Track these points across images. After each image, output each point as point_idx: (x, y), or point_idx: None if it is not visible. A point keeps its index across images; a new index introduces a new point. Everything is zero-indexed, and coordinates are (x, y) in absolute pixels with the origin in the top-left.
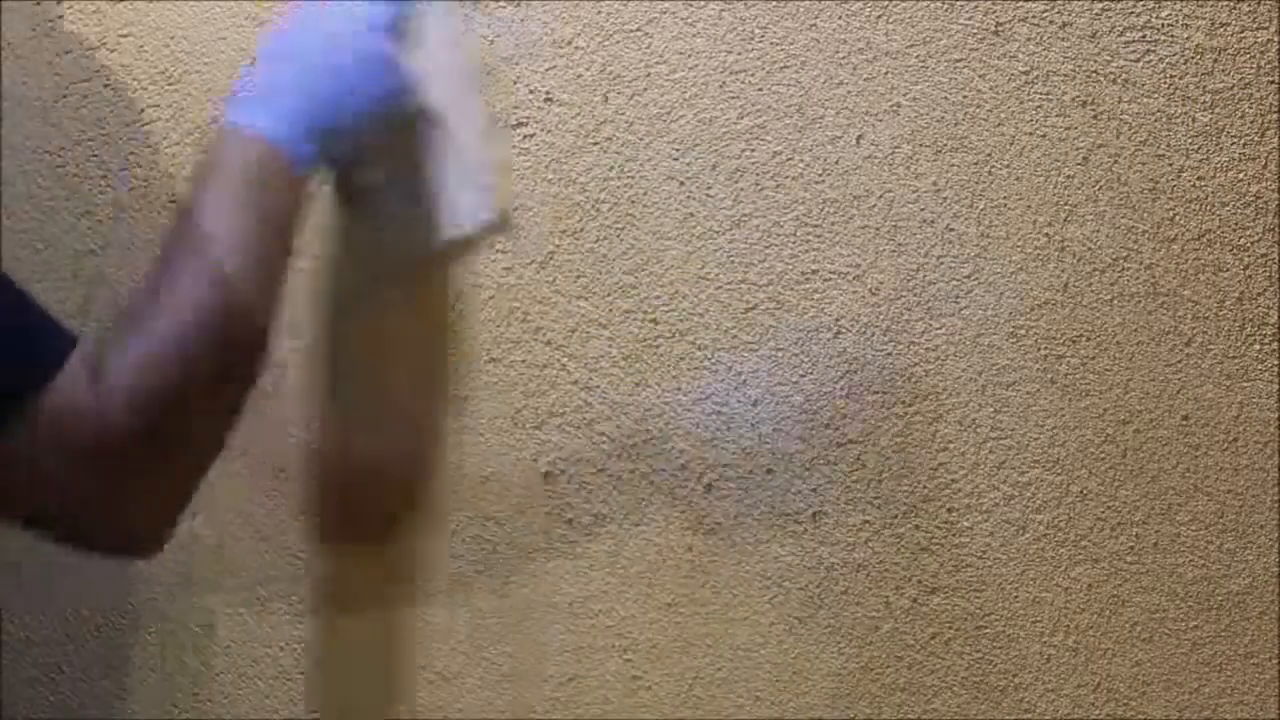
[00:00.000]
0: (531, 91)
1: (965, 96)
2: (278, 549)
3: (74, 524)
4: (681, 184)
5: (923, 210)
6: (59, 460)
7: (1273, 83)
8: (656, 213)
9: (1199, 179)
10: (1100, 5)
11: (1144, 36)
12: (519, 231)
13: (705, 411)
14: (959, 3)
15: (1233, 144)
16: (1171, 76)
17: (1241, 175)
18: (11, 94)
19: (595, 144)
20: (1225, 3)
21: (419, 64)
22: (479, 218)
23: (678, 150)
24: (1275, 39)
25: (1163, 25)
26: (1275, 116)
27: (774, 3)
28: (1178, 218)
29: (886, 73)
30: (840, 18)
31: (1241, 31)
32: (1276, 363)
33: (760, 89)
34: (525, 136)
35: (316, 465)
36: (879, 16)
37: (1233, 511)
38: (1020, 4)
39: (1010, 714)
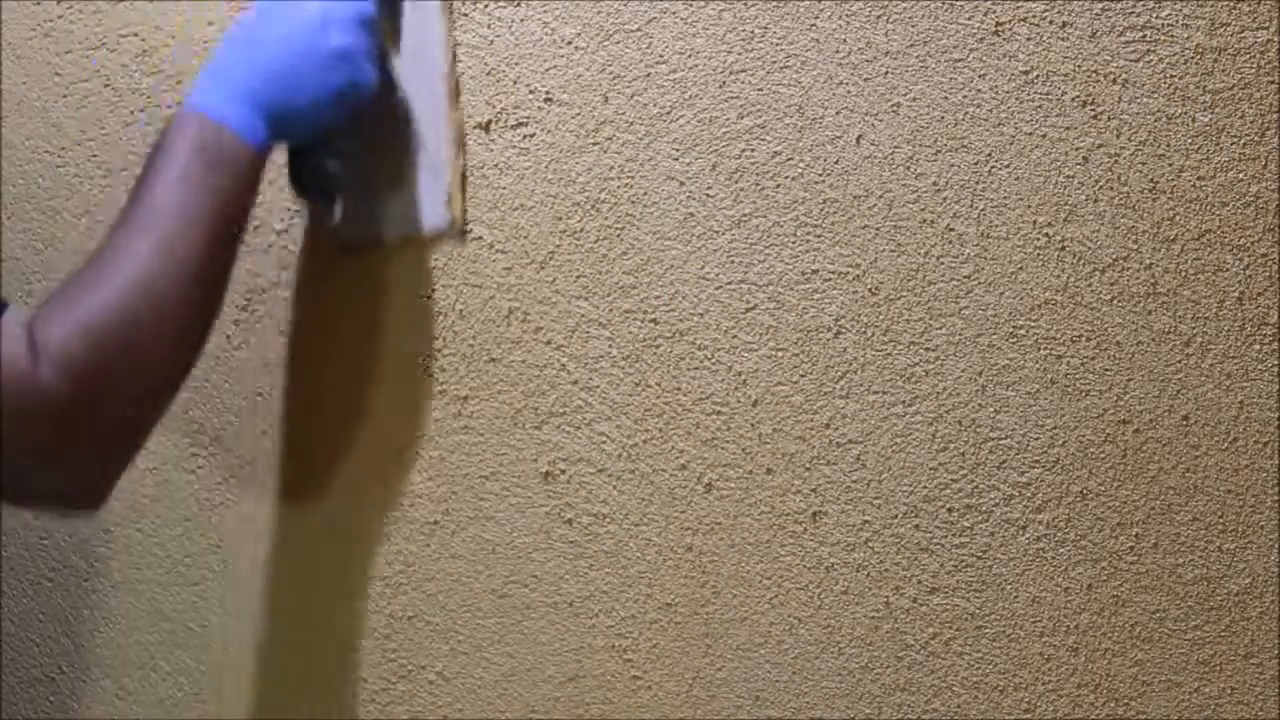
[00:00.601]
0: (531, 91)
1: (965, 96)
2: (277, 549)
3: (11, 476)
4: (681, 184)
5: (923, 210)
6: None
7: (1273, 83)
8: (656, 213)
9: (1199, 179)
10: (1100, 5)
11: (1144, 36)
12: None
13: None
14: (959, 3)
15: (1233, 144)
16: (1171, 76)
17: (1241, 175)
18: (11, 94)
19: (595, 144)
20: (1225, 3)
21: (398, 63)
22: (433, 220)
23: (678, 150)
24: (1275, 39)
25: (1163, 25)
26: (1275, 116)
27: (774, 3)
28: (1178, 218)
29: (886, 73)
30: (840, 18)
31: (1241, 31)
32: (1276, 363)
33: (760, 89)
34: (525, 136)
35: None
36: (879, 16)
37: (1233, 511)
38: (1020, 4)
39: (1010, 714)
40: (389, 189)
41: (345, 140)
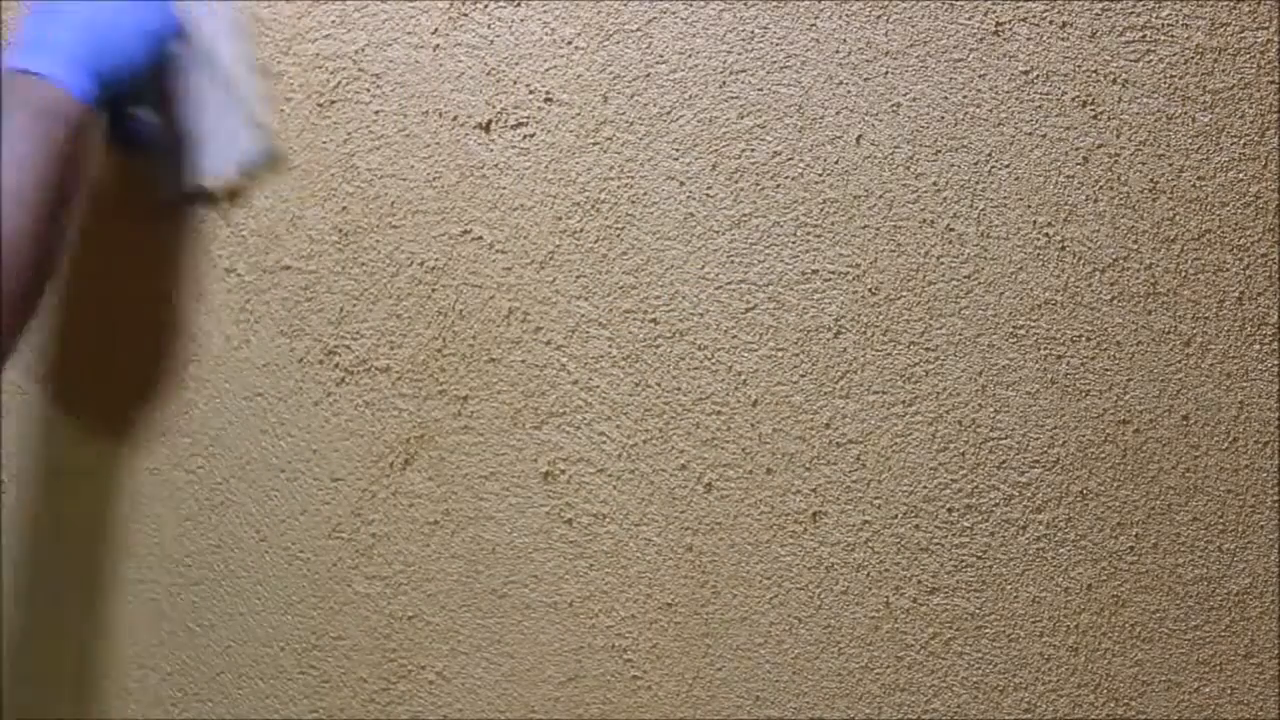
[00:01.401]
0: (531, 91)
1: (965, 96)
2: (277, 549)
3: None
4: (681, 184)
5: (923, 210)
6: None
7: (1273, 83)
8: (656, 213)
9: (1199, 179)
10: (1100, 5)
11: (1144, 36)
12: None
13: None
14: (959, 3)
15: (1233, 144)
16: (1171, 76)
17: (1241, 175)
18: None
19: (595, 144)
20: (1225, 3)
21: (185, 5)
22: (250, 156)
23: (678, 150)
24: (1275, 39)
25: (1163, 25)
26: (1275, 116)
27: (774, 3)
28: (1178, 218)
29: (886, 73)
30: (840, 18)
31: (1241, 31)
32: (1276, 363)
33: (760, 89)
34: (525, 136)
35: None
36: (879, 16)
37: (1233, 511)
38: (1020, 4)
39: (1010, 714)
40: (202, 139)
41: (156, 93)
